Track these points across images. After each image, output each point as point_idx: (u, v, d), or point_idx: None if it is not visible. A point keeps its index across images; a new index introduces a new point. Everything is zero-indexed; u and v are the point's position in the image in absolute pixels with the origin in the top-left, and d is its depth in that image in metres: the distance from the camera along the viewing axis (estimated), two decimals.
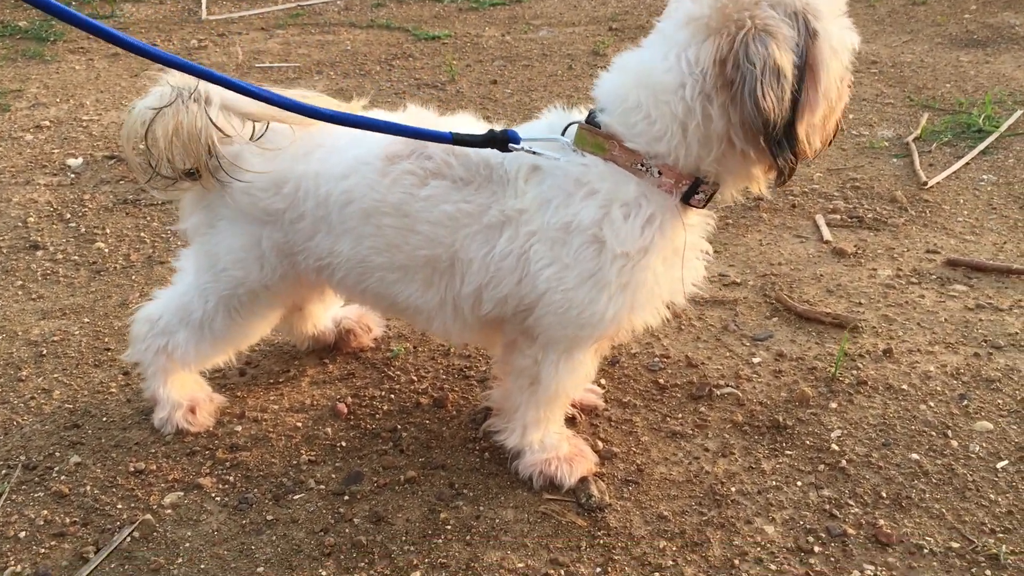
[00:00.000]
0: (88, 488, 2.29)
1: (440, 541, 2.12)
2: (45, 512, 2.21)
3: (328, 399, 2.60)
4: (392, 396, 2.61)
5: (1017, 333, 2.81)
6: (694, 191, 1.99)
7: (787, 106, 1.82)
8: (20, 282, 3.24)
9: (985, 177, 3.93)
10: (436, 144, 2.10)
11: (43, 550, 2.11)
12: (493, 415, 2.35)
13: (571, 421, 2.48)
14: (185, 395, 2.49)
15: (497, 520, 2.18)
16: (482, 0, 7.21)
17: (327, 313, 2.78)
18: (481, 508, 2.21)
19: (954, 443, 2.36)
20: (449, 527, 2.16)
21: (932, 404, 2.51)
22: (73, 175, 4.08)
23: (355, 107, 2.25)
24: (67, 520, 2.19)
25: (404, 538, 2.13)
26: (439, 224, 2.06)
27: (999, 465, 2.29)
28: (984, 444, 2.36)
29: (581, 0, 7.23)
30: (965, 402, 2.51)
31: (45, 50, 6.07)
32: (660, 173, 1.96)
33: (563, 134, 2.04)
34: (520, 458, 2.30)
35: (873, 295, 3.04)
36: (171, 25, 6.80)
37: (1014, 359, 2.69)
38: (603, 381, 2.65)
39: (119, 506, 2.23)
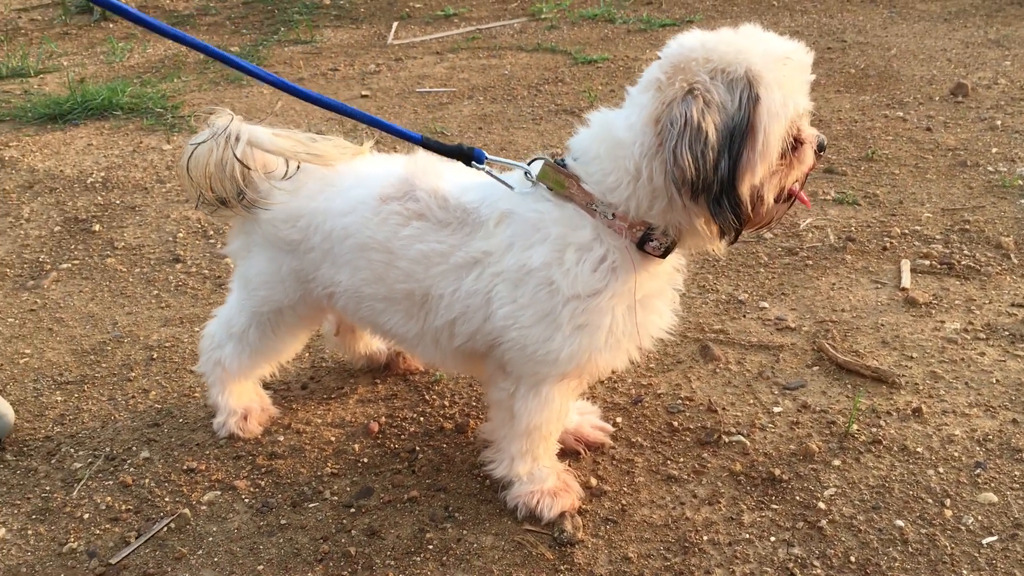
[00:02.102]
0: (147, 481, 2.66)
1: (419, 559, 2.32)
2: (109, 498, 2.59)
3: (366, 417, 2.86)
4: (422, 419, 2.84)
5: None
6: (648, 238, 2.08)
7: (711, 165, 1.90)
8: (156, 292, 3.72)
9: None
10: (424, 188, 2.32)
11: (98, 531, 2.48)
12: (487, 447, 2.52)
13: (576, 456, 2.61)
14: (241, 404, 2.82)
15: (475, 545, 2.35)
16: (652, 21, 7.29)
17: None
18: (465, 532, 2.39)
19: (948, 513, 2.30)
20: (431, 547, 2.35)
21: (942, 470, 2.44)
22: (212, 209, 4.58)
23: (364, 149, 2.50)
24: (123, 507, 2.56)
25: (389, 553, 2.34)
26: (415, 261, 2.28)
27: (986, 540, 2.21)
28: (980, 517, 2.28)
29: (753, 21, 7.14)
30: (978, 471, 2.42)
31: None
32: (615, 216, 2.08)
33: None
34: (509, 488, 2.46)
35: (929, 349, 2.94)
36: (359, 50, 7.36)
37: None
38: (619, 419, 2.75)
39: (166, 499, 2.58)
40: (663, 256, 2.14)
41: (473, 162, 2.26)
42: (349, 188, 2.42)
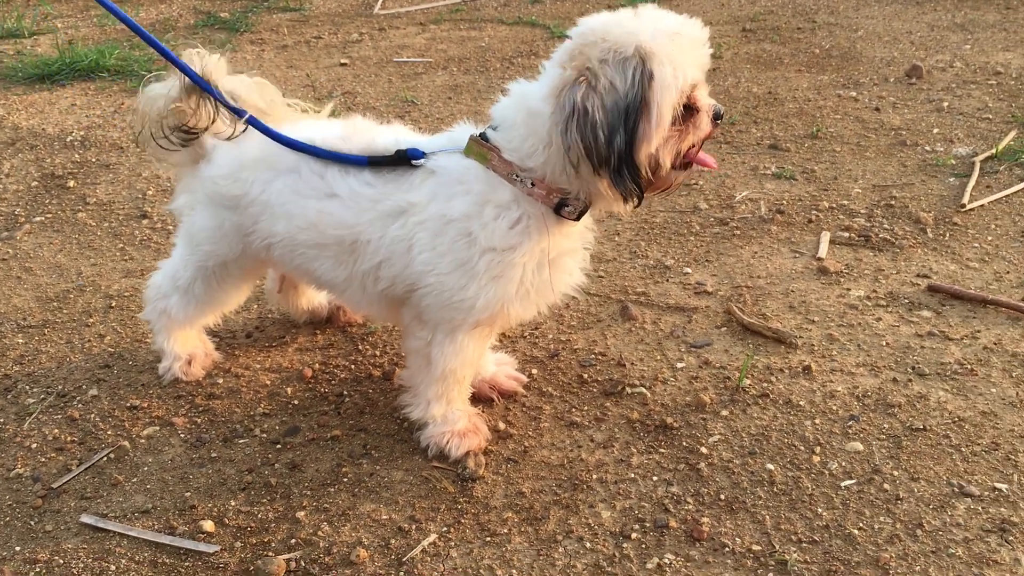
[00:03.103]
0: (93, 416, 2.87)
1: (333, 490, 2.53)
2: (56, 431, 2.81)
3: (302, 364, 3.07)
4: (352, 366, 3.04)
5: (950, 363, 2.84)
6: (564, 204, 2.28)
7: (603, 143, 2.10)
8: (121, 245, 3.93)
9: None
10: (361, 143, 2.51)
11: (43, 459, 2.70)
12: (404, 392, 2.72)
13: (490, 403, 2.82)
14: (186, 350, 3.02)
15: (386, 479, 2.56)
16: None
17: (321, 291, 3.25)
18: (378, 467, 2.60)
19: (816, 459, 2.50)
20: (346, 480, 2.57)
21: (818, 421, 2.64)
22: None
23: (324, 113, 2.70)
24: (69, 439, 2.78)
25: (307, 484, 2.56)
26: (347, 208, 2.47)
27: (844, 483, 2.41)
28: (844, 463, 2.48)
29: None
30: (851, 423, 2.62)
31: (231, 40, 6.91)
32: (534, 184, 2.28)
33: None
34: (423, 429, 2.66)
35: (831, 314, 3.13)
36: (344, 18, 7.52)
37: (929, 387, 2.74)
38: (535, 371, 2.96)
39: (109, 432, 2.80)
40: (577, 219, 2.34)
41: (413, 161, 2.41)
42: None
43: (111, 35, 7.20)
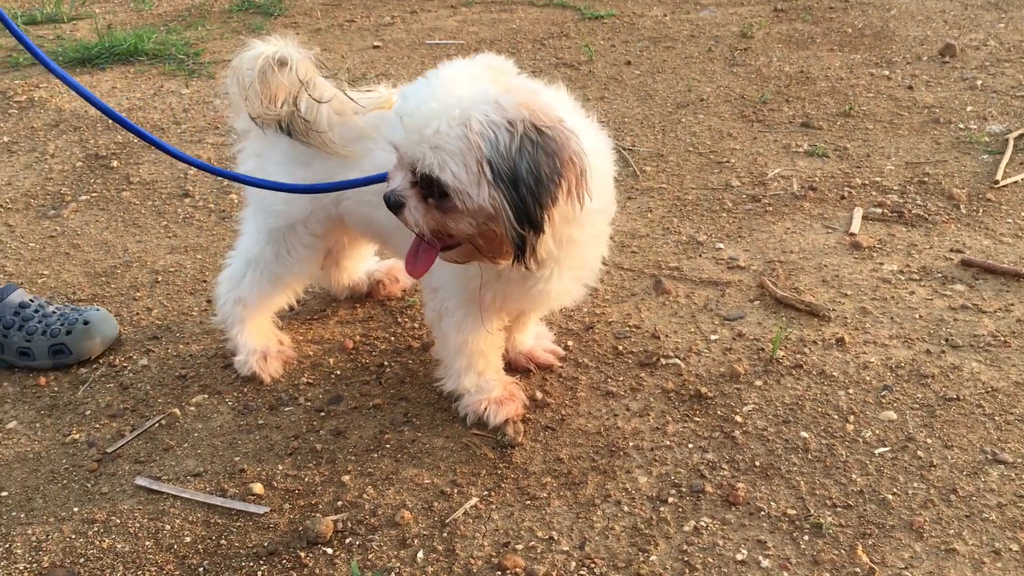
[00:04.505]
0: (144, 384, 2.97)
1: (376, 455, 2.61)
2: (109, 398, 2.91)
3: (343, 336, 3.15)
4: (392, 338, 3.12)
5: (983, 335, 2.87)
6: None
7: None
8: (165, 223, 4.02)
9: None
10: None
11: (98, 425, 2.80)
12: (438, 365, 2.79)
13: (527, 374, 2.88)
14: (260, 343, 3.00)
15: (427, 445, 2.63)
16: None
17: (361, 267, 3.33)
18: (419, 435, 2.68)
19: (850, 427, 2.55)
20: (388, 446, 2.64)
21: (852, 391, 2.69)
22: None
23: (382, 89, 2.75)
24: (122, 406, 2.88)
25: (351, 450, 2.64)
26: None
27: (878, 451, 2.46)
28: (877, 431, 2.53)
29: None
30: (885, 393, 2.67)
31: (266, 24, 7.00)
32: None
33: None
34: (460, 400, 2.74)
35: (864, 287, 3.17)
36: (377, 1, 7.57)
37: (963, 359, 2.78)
38: (571, 343, 3.02)
39: (160, 400, 2.89)
40: None
41: None
42: None
43: (148, 20, 7.30)
